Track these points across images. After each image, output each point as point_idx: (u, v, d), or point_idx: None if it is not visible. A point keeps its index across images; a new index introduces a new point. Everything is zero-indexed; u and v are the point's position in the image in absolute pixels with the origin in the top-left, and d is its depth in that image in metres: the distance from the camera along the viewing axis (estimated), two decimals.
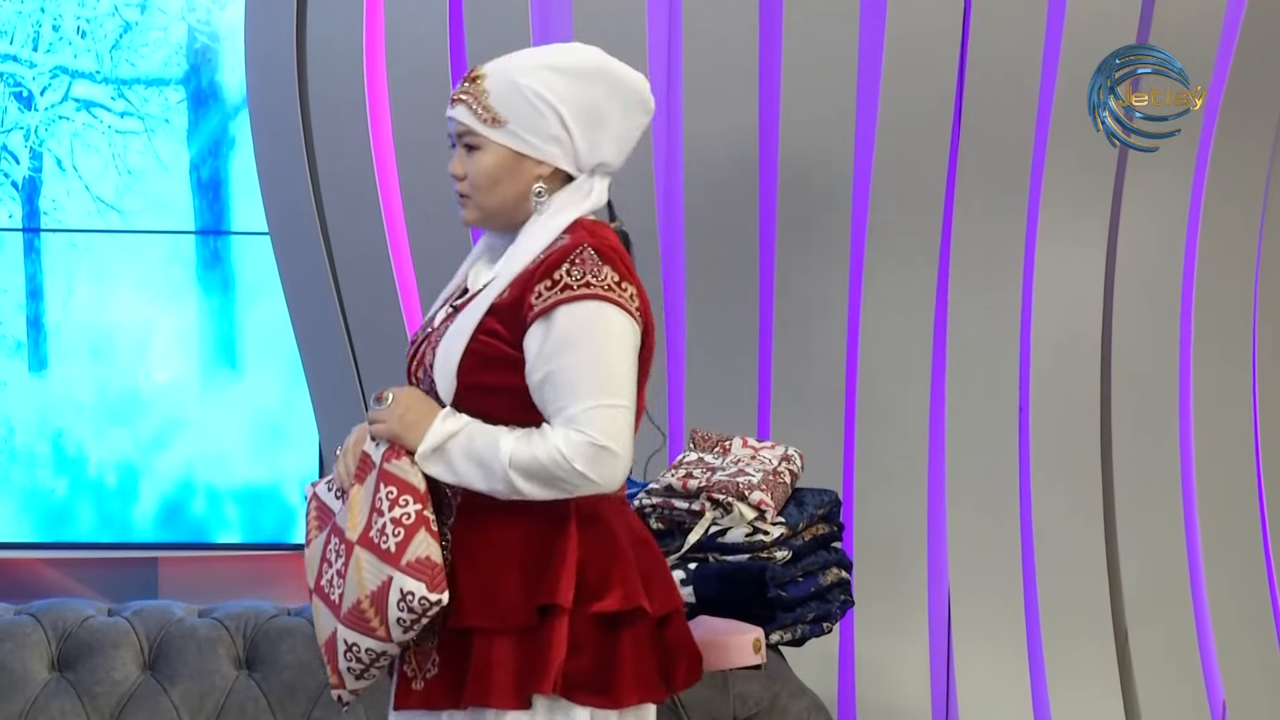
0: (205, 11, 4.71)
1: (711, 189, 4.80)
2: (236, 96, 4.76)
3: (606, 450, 2.84)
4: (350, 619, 2.90)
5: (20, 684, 3.99)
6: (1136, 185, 4.88)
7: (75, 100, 4.74)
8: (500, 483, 2.85)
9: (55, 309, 4.78)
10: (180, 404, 4.81)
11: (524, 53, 2.99)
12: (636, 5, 4.73)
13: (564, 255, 2.89)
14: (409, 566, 2.85)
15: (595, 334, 2.87)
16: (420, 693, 2.95)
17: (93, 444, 4.82)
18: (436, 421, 2.88)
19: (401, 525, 2.86)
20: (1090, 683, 4.93)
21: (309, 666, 4.02)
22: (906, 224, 4.84)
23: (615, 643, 2.94)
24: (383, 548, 2.86)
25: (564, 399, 2.84)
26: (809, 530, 3.98)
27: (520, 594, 2.90)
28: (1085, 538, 4.95)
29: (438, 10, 4.72)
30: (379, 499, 2.88)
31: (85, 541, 4.83)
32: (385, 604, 2.86)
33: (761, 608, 3.79)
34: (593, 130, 2.97)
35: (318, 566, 2.98)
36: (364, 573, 2.88)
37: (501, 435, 2.86)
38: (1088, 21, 4.76)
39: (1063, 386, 4.93)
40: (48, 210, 4.75)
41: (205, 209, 4.76)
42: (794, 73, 4.76)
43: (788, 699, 3.91)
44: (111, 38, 4.72)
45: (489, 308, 2.90)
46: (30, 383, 4.79)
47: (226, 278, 4.81)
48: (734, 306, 4.83)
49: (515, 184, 2.97)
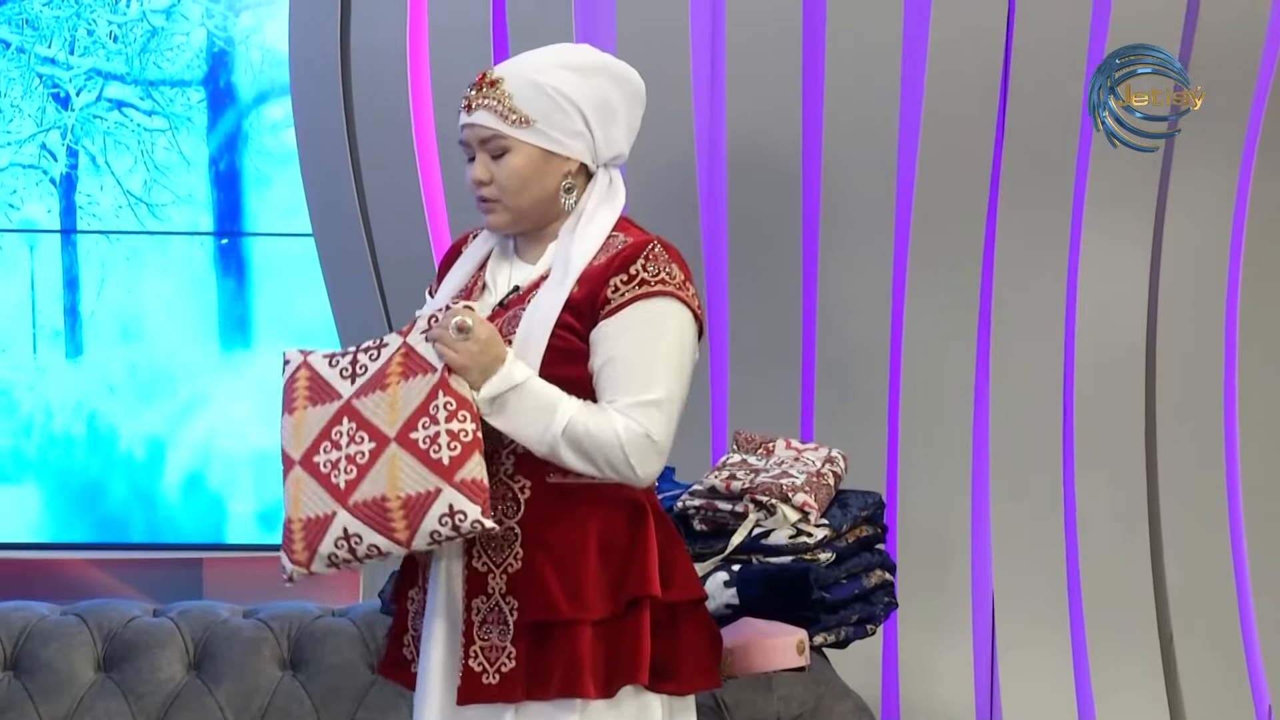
0: (221, 18, 4.89)
1: (754, 189, 4.79)
2: (249, 96, 4.91)
3: (656, 446, 2.91)
4: (364, 511, 2.88)
5: (67, 684, 4.01)
6: (1182, 183, 4.86)
7: (108, 100, 4.90)
8: (544, 444, 2.90)
9: (89, 298, 4.89)
10: (208, 384, 4.91)
11: (531, 54, 3.05)
12: (679, 11, 4.72)
13: (637, 251, 2.96)
14: (463, 485, 2.85)
15: (665, 329, 2.94)
16: (495, 686, 2.97)
17: (125, 423, 4.92)
18: (504, 368, 2.89)
19: (459, 441, 2.86)
20: (1135, 685, 4.91)
21: (354, 667, 4.03)
22: (950, 224, 4.82)
23: (676, 631, 3.02)
24: (434, 456, 2.85)
25: (625, 387, 2.91)
26: (853, 532, 3.97)
27: (604, 586, 2.96)
28: (1130, 539, 4.93)
29: (481, 9, 4.72)
30: (434, 406, 2.87)
31: (131, 542, 4.86)
32: (423, 512, 2.85)
33: (805, 610, 3.78)
34: (607, 123, 3.03)
35: (312, 442, 2.94)
36: (401, 473, 2.86)
37: (562, 399, 2.91)
38: (1132, 22, 4.74)
39: (1107, 387, 4.91)
40: (83, 205, 4.89)
41: (223, 199, 4.91)
42: (837, 74, 4.75)
43: (832, 701, 3.91)
44: (140, 42, 4.89)
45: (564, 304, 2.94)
46: (67, 368, 4.91)
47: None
48: (777, 307, 4.82)
49: (544, 183, 3.02)
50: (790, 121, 4.78)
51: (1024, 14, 4.73)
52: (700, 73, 4.78)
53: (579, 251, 2.99)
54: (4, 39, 4.85)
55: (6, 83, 4.87)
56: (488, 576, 3.00)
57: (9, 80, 4.86)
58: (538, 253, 3.08)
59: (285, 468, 2.97)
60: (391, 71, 4.74)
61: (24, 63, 4.84)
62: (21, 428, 4.88)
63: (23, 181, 4.87)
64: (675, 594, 3.01)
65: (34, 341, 4.87)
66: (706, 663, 3.07)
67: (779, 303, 4.82)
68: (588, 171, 3.06)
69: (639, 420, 2.90)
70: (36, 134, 4.86)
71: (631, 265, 2.95)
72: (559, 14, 4.70)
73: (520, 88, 2.99)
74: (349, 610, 4.17)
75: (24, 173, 4.87)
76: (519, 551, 2.98)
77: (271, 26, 4.83)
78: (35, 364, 4.87)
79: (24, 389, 4.88)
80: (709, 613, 3.15)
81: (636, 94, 3.08)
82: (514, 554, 2.98)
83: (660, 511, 3.07)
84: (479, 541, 3.00)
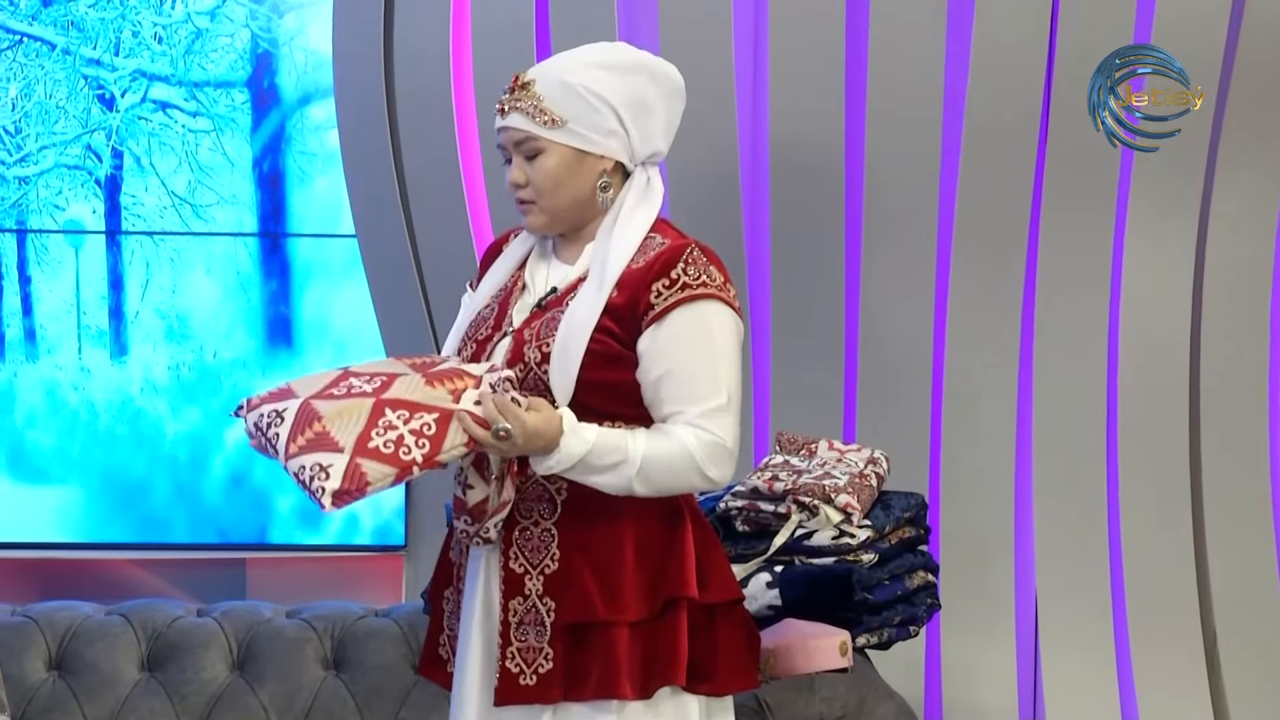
0: (265, 20, 4.89)
1: (797, 188, 4.79)
2: (293, 97, 4.91)
3: (728, 450, 2.94)
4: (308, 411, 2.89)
5: (111, 684, 4.04)
6: (1226, 186, 4.84)
7: (152, 102, 4.91)
8: (621, 491, 2.93)
9: (134, 298, 4.92)
10: (251, 383, 4.90)
11: (563, 55, 3.07)
12: (722, 9, 4.72)
13: (676, 255, 2.97)
14: (358, 461, 2.82)
15: (714, 333, 2.95)
16: (532, 688, 2.98)
17: (169, 423, 4.94)
18: (560, 451, 2.89)
19: (425, 437, 2.84)
20: (1178, 687, 4.89)
21: (396, 667, 4.04)
22: (993, 224, 4.81)
23: (713, 632, 3.02)
24: (387, 448, 2.83)
25: (685, 397, 2.92)
26: (895, 533, 3.97)
27: (641, 587, 2.97)
28: (1173, 540, 4.91)
29: (524, 8, 4.73)
30: (427, 417, 2.86)
31: (175, 543, 4.88)
32: (324, 449, 2.83)
33: (848, 611, 3.79)
34: (643, 121, 3.03)
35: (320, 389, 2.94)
36: (347, 421, 2.85)
37: (627, 443, 2.92)
38: (1177, 22, 4.72)
39: (1151, 387, 4.89)
40: (127, 205, 4.91)
41: (266, 200, 4.92)
42: (881, 72, 4.74)
43: (874, 702, 3.91)
44: (184, 43, 4.90)
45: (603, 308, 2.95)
46: (111, 369, 4.93)
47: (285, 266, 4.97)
48: (820, 308, 4.82)
49: (580, 182, 3.03)
50: (833, 121, 4.77)
51: (1067, 13, 4.71)
52: (743, 70, 4.78)
53: (616, 253, 2.99)
54: (50, 40, 4.88)
55: (52, 84, 4.89)
56: (524, 578, 3.01)
57: (54, 82, 4.89)
58: (575, 253, 3.09)
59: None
60: (434, 71, 4.75)
61: (69, 64, 4.87)
62: (67, 427, 4.91)
63: (68, 183, 4.89)
64: (712, 595, 3.02)
65: (79, 342, 4.90)
66: (744, 663, 3.08)
67: (821, 303, 4.82)
68: (624, 170, 3.06)
69: (709, 429, 2.92)
70: (81, 135, 4.89)
71: (672, 269, 2.95)
72: (601, 12, 4.70)
73: (551, 88, 3.01)
74: (392, 610, 4.18)
75: (69, 174, 4.89)
76: (556, 553, 2.99)
77: (315, 28, 4.85)
78: (80, 364, 4.90)
79: (68, 389, 4.90)
80: (747, 613, 3.15)
81: (675, 90, 3.08)
82: (551, 555, 2.99)
83: (697, 512, 3.08)
84: (515, 543, 3.01)
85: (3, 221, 4.88)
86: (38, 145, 4.89)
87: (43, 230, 4.90)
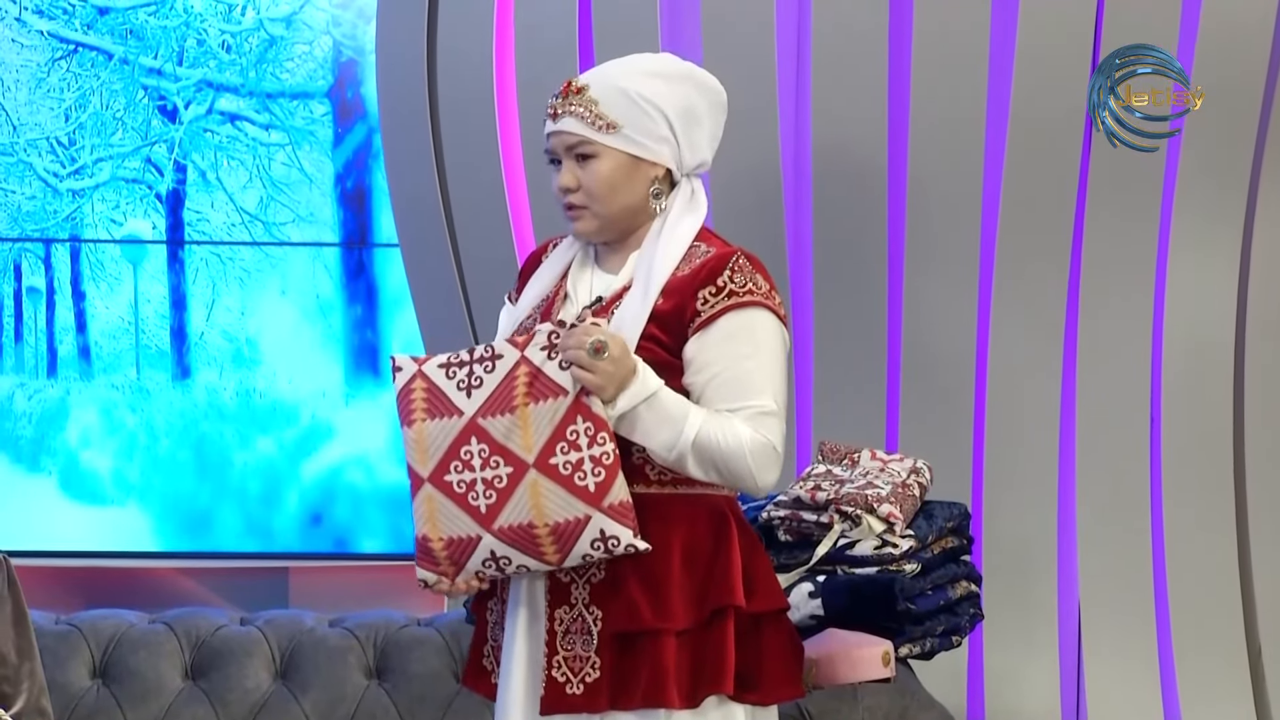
0: (350, 26, 4.75)
1: (839, 195, 4.78)
2: None
3: (777, 454, 2.94)
4: (512, 536, 2.90)
5: (154, 692, 4.05)
6: (1271, 191, 4.82)
7: (220, 113, 4.77)
8: (674, 452, 2.91)
9: (198, 318, 4.81)
10: (324, 411, 4.83)
11: (615, 63, 3.07)
12: (765, 15, 4.72)
13: (722, 263, 2.97)
14: (612, 510, 2.88)
15: (761, 340, 2.95)
16: (579, 696, 2.97)
17: (236, 451, 4.84)
18: (637, 380, 2.90)
19: (602, 465, 2.87)
20: (1222, 698, 4.87)
21: (439, 676, 4.05)
22: (1037, 232, 4.80)
23: (760, 641, 3.01)
24: (579, 484, 2.86)
25: (735, 397, 2.92)
26: (938, 543, 3.97)
27: (688, 595, 2.96)
28: (1217, 550, 4.89)
29: (567, 13, 4.73)
30: (573, 431, 2.88)
31: (217, 551, 4.85)
32: (574, 538, 2.88)
33: (890, 620, 3.78)
34: (691, 129, 3.04)
35: (440, 459, 2.93)
36: (546, 501, 2.87)
37: (691, 408, 2.92)
38: (1217, 24, 4.71)
39: (1195, 397, 4.87)
40: (191, 222, 4.78)
41: (350, 220, 4.79)
42: (924, 79, 4.73)
43: (917, 711, 3.91)
44: (256, 52, 4.76)
45: (649, 315, 2.95)
46: (173, 391, 4.81)
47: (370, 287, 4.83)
48: (863, 316, 4.81)
49: (633, 188, 3.02)
50: (876, 128, 4.77)
51: (1111, 20, 4.70)
52: (785, 77, 4.77)
53: (661, 261, 2.99)
54: (107, 50, 4.75)
55: (109, 95, 4.75)
56: (570, 587, 3.00)
57: (112, 92, 4.75)
58: (619, 262, 3.08)
59: (414, 484, 2.97)
60: (477, 76, 4.75)
61: (128, 74, 4.74)
62: (124, 449, 4.81)
63: (125, 196, 4.76)
64: (759, 604, 3.01)
65: (137, 361, 4.78)
66: (790, 673, 3.07)
67: (864, 312, 4.81)
68: (672, 179, 3.06)
69: (761, 431, 2.92)
70: (141, 147, 4.75)
71: (719, 277, 2.95)
72: (645, 18, 4.70)
73: (606, 94, 3.01)
74: (435, 619, 4.19)
75: (127, 187, 4.75)
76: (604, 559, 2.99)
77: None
78: (138, 384, 4.77)
79: (125, 409, 4.80)
80: (791, 623, 3.14)
81: (719, 102, 3.09)
82: (597, 564, 2.99)
83: (743, 521, 3.07)
84: None
85: (56, 234, 4.77)
86: (93, 157, 4.76)
87: (97, 240, 4.77)
